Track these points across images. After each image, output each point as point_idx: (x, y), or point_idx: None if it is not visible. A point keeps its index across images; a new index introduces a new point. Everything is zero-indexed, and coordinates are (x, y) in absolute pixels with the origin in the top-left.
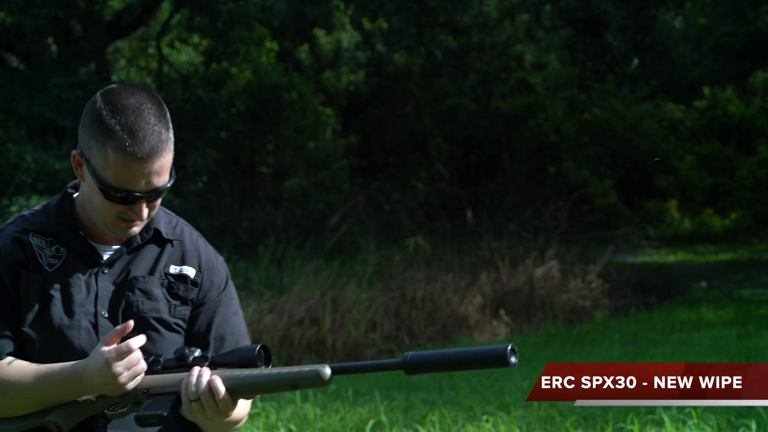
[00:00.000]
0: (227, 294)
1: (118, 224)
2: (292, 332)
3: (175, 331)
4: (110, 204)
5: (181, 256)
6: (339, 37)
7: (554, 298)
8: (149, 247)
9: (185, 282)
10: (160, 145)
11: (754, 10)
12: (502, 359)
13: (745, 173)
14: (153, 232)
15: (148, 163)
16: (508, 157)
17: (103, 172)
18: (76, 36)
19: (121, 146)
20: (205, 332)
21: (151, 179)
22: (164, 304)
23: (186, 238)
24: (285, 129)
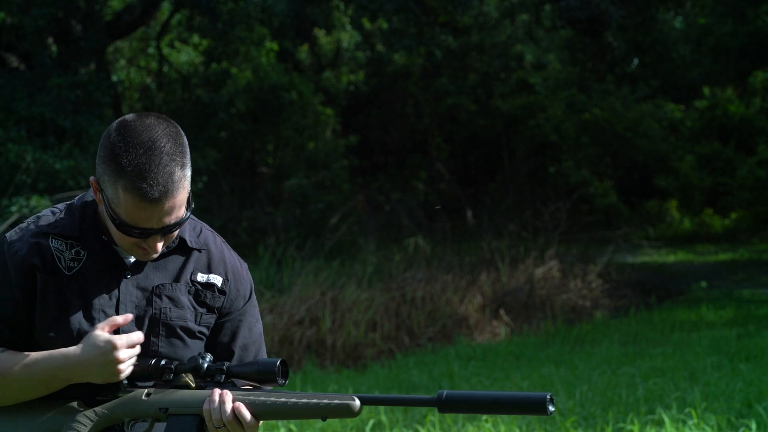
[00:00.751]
0: (252, 303)
1: (135, 250)
2: (292, 332)
3: (198, 339)
4: (125, 238)
5: (208, 264)
6: (339, 37)
7: (554, 298)
8: (175, 256)
9: (212, 290)
10: (171, 186)
11: (754, 10)
12: (540, 407)
13: (745, 173)
14: (178, 241)
15: (159, 205)
16: (508, 157)
17: (116, 207)
18: (76, 36)
19: (132, 187)
20: (229, 341)
21: (162, 218)
22: (191, 312)
23: (211, 245)
24: (285, 129)
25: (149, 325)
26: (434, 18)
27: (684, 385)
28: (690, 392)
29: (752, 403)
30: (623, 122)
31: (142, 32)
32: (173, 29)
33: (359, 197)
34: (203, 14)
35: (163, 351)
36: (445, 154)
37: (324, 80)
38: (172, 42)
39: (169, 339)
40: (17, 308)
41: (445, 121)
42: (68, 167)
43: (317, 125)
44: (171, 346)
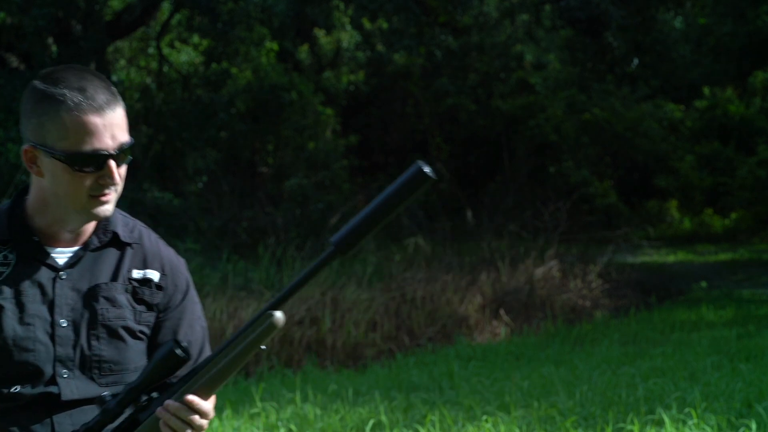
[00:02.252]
0: (191, 298)
1: (92, 204)
2: (292, 332)
3: (139, 339)
4: (80, 179)
5: (143, 259)
6: (339, 37)
7: (554, 298)
8: (109, 252)
9: (150, 286)
10: (113, 98)
11: (754, 10)
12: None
13: (745, 173)
14: (111, 234)
15: (107, 113)
16: (508, 157)
17: (63, 143)
18: (76, 36)
19: (76, 104)
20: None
21: (115, 132)
22: (129, 311)
23: (145, 240)
24: (285, 129)
25: (88, 327)
26: (434, 18)
27: (684, 385)
28: (690, 392)
29: (752, 403)
30: (623, 122)
31: (142, 32)
32: (173, 29)
33: (359, 197)
34: (203, 14)
35: (105, 354)
36: (445, 154)
37: (324, 80)
38: (172, 42)
39: (110, 340)
40: None
41: (445, 121)
42: None
43: (317, 125)
44: (113, 349)
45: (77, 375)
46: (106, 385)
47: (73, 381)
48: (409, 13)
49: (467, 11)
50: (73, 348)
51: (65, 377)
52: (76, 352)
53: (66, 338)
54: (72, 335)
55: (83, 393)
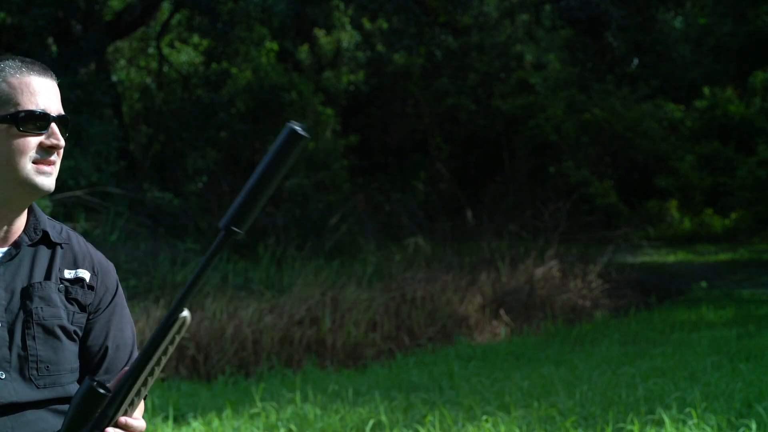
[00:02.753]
0: (121, 303)
1: (35, 173)
2: (292, 332)
3: (72, 340)
4: (24, 142)
5: (73, 260)
6: (339, 37)
7: (554, 298)
8: (41, 252)
9: (81, 285)
10: (50, 70)
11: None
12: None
13: (745, 173)
14: (41, 233)
15: (48, 79)
16: (508, 157)
17: (7, 107)
18: (76, 36)
19: (17, 68)
20: (102, 341)
21: (53, 98)
22: (63, 311)
23: (74, 242)
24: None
25: (23, 327)
26: (434, 18)
27: (684, 385)
28: (690, 392)
29: (752, 403)
30: (623, 122)
31: (142, 32)
32: (173, 29)
33: (359, 197)
34: (203, 14)
35: (42, 354)
36: (445, 154)
37: (324, 80)
38: (172, 42)
39: (46, 339)
40: None
41: (445, 121)
42: (68, 167)
43: (317, 125)
44: (49, 348)
45: (14, 377)
46: (44, 387)
47: (10, 383)
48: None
49: (467, 11)
50: (8, 349)
51: (2, 379)
52: (12, 354)
53: (1, 340)
54: (6, 336)
55: (21, 396)
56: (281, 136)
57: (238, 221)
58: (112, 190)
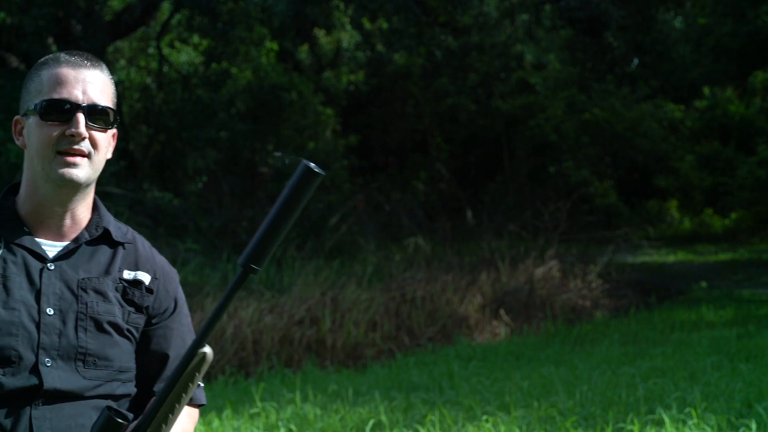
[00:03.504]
0: (183, 312)
1: (59, 163)
2: (292, 332)
3: (126, 338)
4: (48, 132)
5: (135, 261)
6: (339, 37)
7: (554, 298)
8: (101, 250)
9: (140, 288)
10: (95, 64)
11: (754, 10)
12: (310, 174)
13: (745, 173)
14: (102, 231)
15: (82, 69)
16: (508, 157)
17: (38, 96)
18: (76, 36)
19: (54, 61)
20: (163, 348)
21: (87, 88)
22: (118, 309)
23: (138, 244)
24: (285, 129)
25: (76, 318)
26: (434, 18)
27: (684, 385)
28: (690, 392)
29: (752, 403)
30: (623, 122)
31: (142, 32)
32: (173, 29)
33: (359, 197)
34: (203, 14)
35: (91, 347)
36: (445, 154)
37: (324, 80)
38: (172, 42)
39: (97, 334)
40: None
41: (445, 121)
42: None
43: (317, 125)
44: (99, 343)
45: (60, 365)
46: (90, 380)
47: (55, 371)
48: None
49: (467, 11)
50: (58, 337)
51: (48, 366)
52: (61, 341)
53: (51, 326)
54: (58, 324)
55: (66, 384)
56: (296, 174)
57: (256, 259)
58: (112, 190)
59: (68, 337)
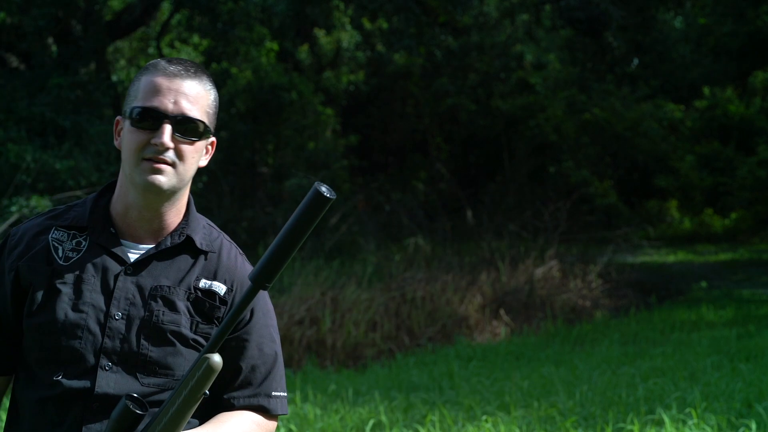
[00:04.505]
0: (263, 322)
1: (144, 169)
2: (292, 332)
3: (192, 348)
4: (137, 138)
5: (215, 271)
6: (339, 37)
7: (554, 298)
8: (182, 258)
9: (213, 299)
10: (192, 75)
11: (754, 10)
12: (321, 201)
13: (745, 173)
14: (185, 237)
15: (177, 79)
16: (508, 157)
17: (133, 102)
18: (76, 36)
19: (153, 67)
20: (237, 360)
21: (179, 98)
22: (186, 319)
23: (224, 253)
24: (285, 129)
25: (140, 326)
26: (434, 18)
27: (684, 385)
28: (690, 392)
29: (752, 403)
30: (623, 122)
31: (142, 32)
32: (173, 29)
33: (359, 197)
34: (203, 14)
35: (152, 355)
36: (445, 154)
37: (324, 80)
38: (172, 42)
39: (160, 343)
40: (5, 302)
41: (445, 121)
42: (68, 167)
43: (317, 125)
44: (161, 351)
45: (119, 370)
46: (147, 386)
47: (113, 375)
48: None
49: (467, 11)
50: (120, 342)
51: (106, 370)
52: (123, 347)
53: (116, 331)
54: (123, 330)
55: (120, 389)
56: (308, 197)
57: (267, 276)
58: None
59: (131, 343)
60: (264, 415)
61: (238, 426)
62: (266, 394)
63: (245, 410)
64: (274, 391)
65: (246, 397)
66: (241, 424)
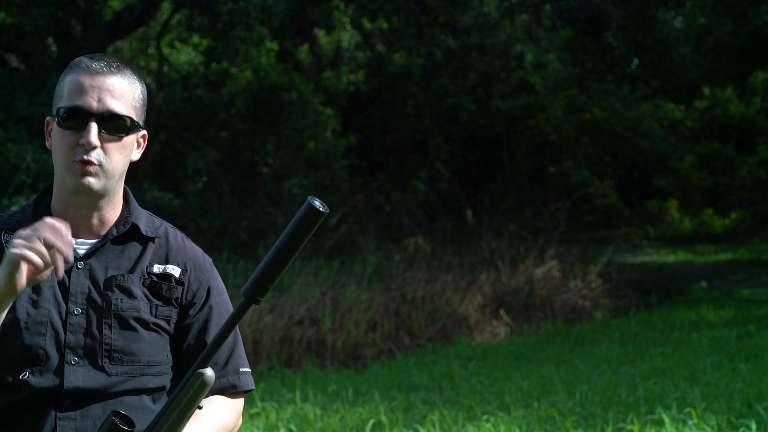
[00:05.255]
0: (221, 300)
1: (75, 170)
2: (292, 332)
3: (154, 331)
4: (65, 138)
5: (165, 255)
6: (339, 37)
7: (554, 298)
8: (131, 246)
9: (169, 281)
10: (116, 67)
11: (754, 10)
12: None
13: (745, 173)
14: (130, 226)
15: (100, 76)
16: (508, 157)
17: (59, 103)
18: (76, 36)
19: (76, 66)
20: (201, 339)
21: (103, 96)
22: (144, 304)
23: (170, 238)
24: (285, 129)
25: (100, 317)
26: (434, 18)
27: (684, 385)
28: (690, 392)
29: (752, 403)
30: (623, 122)
31: (142, 32)
32: (173, 29)
33: (359, 197)
34: (203, 14)
35: (117, 344)
36: (445, 154)
37: (324, 80)
38: (172, 42)
39: (122, 330)
40: None
41: (445, 121)
42: None
43: (317, 125)
44: (125, 339)
45: (86, 364)
46: (116, 375)
47: (80, 369)
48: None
49: (467, 11)
50: (83, 335)
51: (73, 364)
52: (86, 340)
53: (77, 326)
54: (84, 323)
55: (89, 382)
56: (301, 211)
57: (259, 290)
58: None
59: (93, 335)
60: (232, 394)
61: (213, 416)
62: (235, 371)
63: (213, 395)
64: (241, 368)
65: (216, 377)
66: (216, 414)
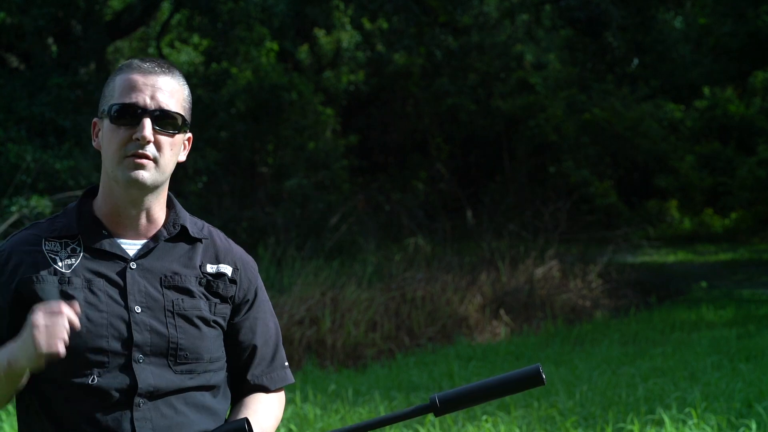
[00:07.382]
0: (263, 295)
1: (126, 165)
2: (292, 332)
3: (213, 328)
4: (118, 136)
5: (215, 255)
6: (339, 37)
7: (554, 298)
8: (179, 246)
9: (223, 280)
10: (166, 71)
11: (754, 10)
12: (535, 378)
13: (745, 173)
14: (180, 228)
15: (152, 75)
16: (508, 157)
17: (110, 101)
18: (76, 36)
19: (127, 66)
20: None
21: (156, 93)
22: (204, 302)
23: (216, 238)
24: (285, 129)
25: (164, 315)
26: (434, 18)
27: (684, 385)
28: (690, 392)
29: (752, 403)
30: (623, 122)
31: (142, 32)
32: (173, 29)
33: (359, 197)
34: (203, 14)
35: (183, 343)
36: (445, 154)
37: (324, 80)
38: (172, 42)
39: (186, 329)
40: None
41: (445, 121)
42: (68, 167)
43: (317, 125)
44: (189, 337)
45: (153, 361)
46: (182, 374)
47: (148, 367)
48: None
49: (467, 11)
50: (149, 333)
51: (140, 362)
52: (152, 338)
53: (142, 324)
54: (148, 321)
55: (159, 381)
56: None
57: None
58: None
59: (159, 333)
60: (276, 389)
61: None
62: (281, 365)
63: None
64: (285, 362)
65: (265, 373)
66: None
